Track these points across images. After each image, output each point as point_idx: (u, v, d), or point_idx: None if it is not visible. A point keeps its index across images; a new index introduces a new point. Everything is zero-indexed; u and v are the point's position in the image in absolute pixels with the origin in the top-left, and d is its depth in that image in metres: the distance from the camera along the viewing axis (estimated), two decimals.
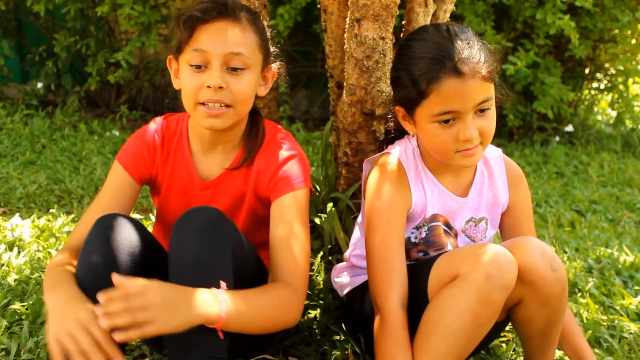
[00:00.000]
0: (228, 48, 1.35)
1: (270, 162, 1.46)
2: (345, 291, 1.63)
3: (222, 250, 1.23)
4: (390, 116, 1.60)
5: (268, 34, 1.48)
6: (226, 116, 1.38)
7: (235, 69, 1.37)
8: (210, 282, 1.19)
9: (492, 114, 1.37)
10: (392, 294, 1.35)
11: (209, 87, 1.35)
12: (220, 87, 1.35)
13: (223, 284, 1.20)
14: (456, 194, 1.50)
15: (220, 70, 1.35)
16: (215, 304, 1.16)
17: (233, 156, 1.50)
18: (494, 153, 1.55)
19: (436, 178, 1.49)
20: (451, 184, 1.50)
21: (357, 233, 1.65)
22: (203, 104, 1.37)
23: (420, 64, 1.34)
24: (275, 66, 1.51)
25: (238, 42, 1.37)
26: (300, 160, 1.47)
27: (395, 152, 1.50)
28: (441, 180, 1.49)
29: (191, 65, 1.37)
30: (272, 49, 1.50)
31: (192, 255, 1.21)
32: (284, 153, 1.47)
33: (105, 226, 1.27)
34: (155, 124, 1.54)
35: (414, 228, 1.50)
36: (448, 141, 1.35)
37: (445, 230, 1.51)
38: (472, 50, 1.32)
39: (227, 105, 1.38)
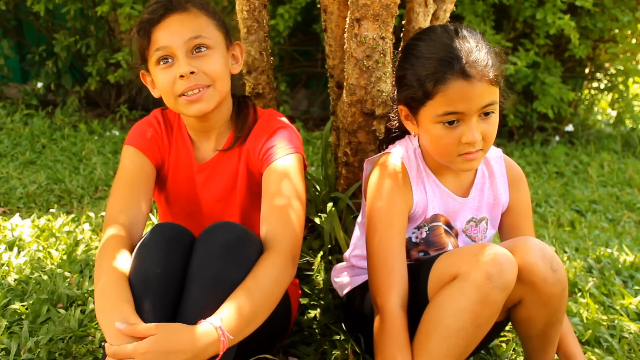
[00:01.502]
0: (186, 35, 1.40)
1: (258, 138, 1.51)
2: (345, 291, 1.63)
3: (244, 268, 1.26)
4: (393, 115, 1.59)
5: (220, 15, 1.51)
6: (207, 96, 1.41)
7: (199, 50, 1.41)
8: (225, 297, 1.21)
9: (495, 119, 1.36)
10: (393, 294, 1.35)
11: (182, 77, 1.38)
12: (192, 73, 1.38)
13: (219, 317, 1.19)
14: (457, 194, 1.50)
15: (186, 58, 1.39)
16: (214, 343, 1.15)
17: (225, 139, 1.55)
18: (494, 153, 1.55)
19: (437, 178, 1.49)
20: (452, 184, 1.50)
21: (357, 233, 1.65)
22: (182, 95, 1.40)
23: (427, 64, 1.33)
24: (240, 44, 1.54)
25: (194, 27, 1.41)
26: (287, 131, 1.51)
27: (397, 152, 1.49)
28: (442, 181, 1.49)
29: (159, 64, 1.41)
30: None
31: (216, 269, 1.23)
32: (270, 127, 1.51)
33: (163, 236, 1.29)
34: (155, 114, 1.58)
35: (414, 228, 1.50)
36: (451, 143, 1.35)
37: (446, 230, 1.51)
38: (481, 53, 1.32)
39: (206, 86, 1.41)
